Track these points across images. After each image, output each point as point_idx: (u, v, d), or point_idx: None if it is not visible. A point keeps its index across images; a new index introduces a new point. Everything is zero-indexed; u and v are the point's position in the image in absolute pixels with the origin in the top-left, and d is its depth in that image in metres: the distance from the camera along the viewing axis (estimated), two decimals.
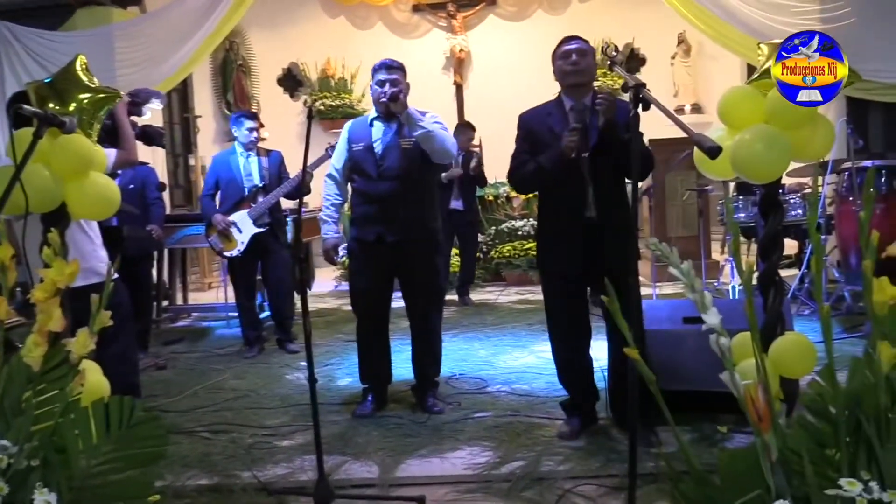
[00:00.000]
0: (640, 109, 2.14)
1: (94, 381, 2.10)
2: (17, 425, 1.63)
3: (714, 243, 7.72)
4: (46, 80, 3.00)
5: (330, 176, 3.91)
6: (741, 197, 6.09)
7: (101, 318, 1.67)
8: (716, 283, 6.62)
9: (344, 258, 3.93)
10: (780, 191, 3.41)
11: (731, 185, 6.10)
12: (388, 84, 3.68)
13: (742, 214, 5.98)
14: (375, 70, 3.75)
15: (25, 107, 2.33)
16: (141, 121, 4.29)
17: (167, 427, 1.77)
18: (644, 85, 2.14)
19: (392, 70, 3.72)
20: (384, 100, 3.65)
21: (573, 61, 3.16)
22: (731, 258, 5.88)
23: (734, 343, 1.57)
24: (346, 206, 4.25)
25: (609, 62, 2.76)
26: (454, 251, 7.10)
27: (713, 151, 2.04)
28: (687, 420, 3.27)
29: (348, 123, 3.95)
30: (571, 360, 3.37)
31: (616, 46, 9.55)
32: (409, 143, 3.69)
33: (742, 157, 2.71)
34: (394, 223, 3.69)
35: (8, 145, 2.69)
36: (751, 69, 7.14)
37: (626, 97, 2.45)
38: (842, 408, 1.44)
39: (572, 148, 3.03)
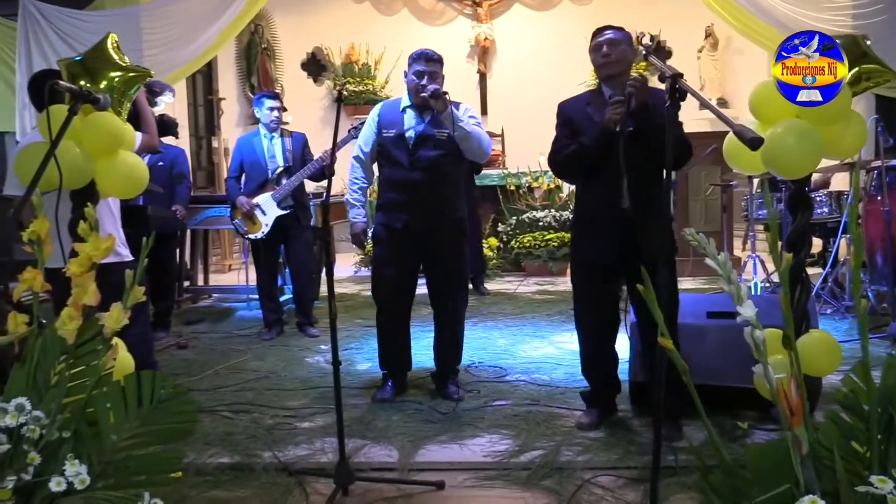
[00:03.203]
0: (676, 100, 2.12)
1: (121, 357, 2.12)
2: (50, 397, 1.66)
3: (736, 240, 7.66)
4: (77, 58, 3.02)
5: (357, 158, 3.86)
6: None
7: (135, 295, 1.69)
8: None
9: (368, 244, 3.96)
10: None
11: (756, 180, 6.05)
12: (426, 77, 3.62)
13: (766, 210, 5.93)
14: (413, 59, 3.69)
15: (61, 82, 2.35)
16: (154, 112, 4.35)
17: (196, 404, 1.78)
18: (681, 75, 2.12)
19: (431, 62, 3.65)
20: (425, 94, 3.57)
21: (604, 53, 3.16)
22: (753, 255, 5.83)
23: None
24: (371, 190, 4.24)
25: (644, 53, 2.74)
26: None
27: (755, 142, 2.01)
28: (706, 415, 3.25)
29: (378, 106, 3.90)
30: (595, 350, 3.36)
31: (652, 35, 9.44)
32: (442, 134, 3.66)
33: (773, 152, 2.68)
34: (423, 213, 3.67)
35: (39, 121, 2.72)
36: None
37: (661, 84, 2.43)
38: (875, 405, 1.43)
39: (616, 120, 3.00)
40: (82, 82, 2.86)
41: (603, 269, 3.22)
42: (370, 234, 4.19)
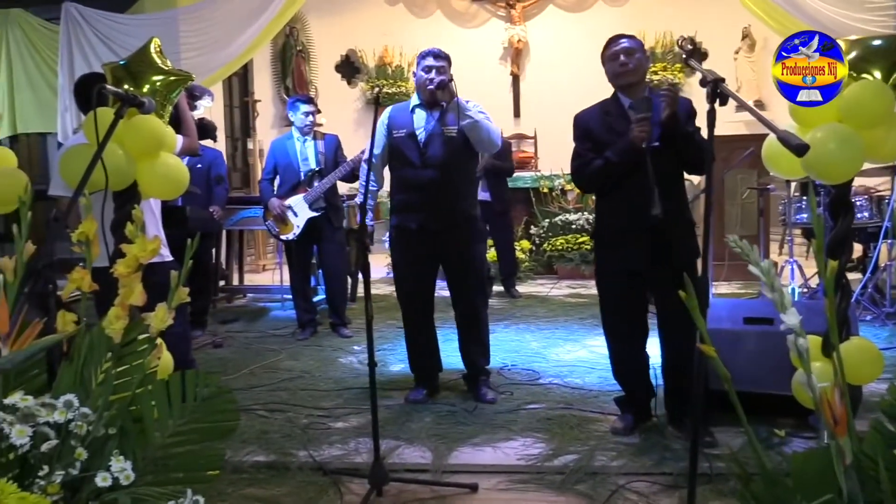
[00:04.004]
0: (716, 105, 2.10)
1: (163, 355, 2.16)
2: (97, 394, 1.69)
3: (773, 244, 7.56)
4: (122, 62, 3.08)
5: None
6: (804, 197, 5.94)
7: (180, 295, 1.73)
8: None
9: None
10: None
11: (794, 184, 5.96)
12: (434, 71, 3.69)
13: (805, 215, 5.84)
14: (422, 57, 3.77)
15: (108, 86, 2.40)
16: (194, 115, 4.42)
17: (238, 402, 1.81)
18: (723, 80, 2.11)
19: (438, 58, 3.73)
20: (431, 87, 3.65)
21: (621, 62, 3.17)
22: (791, 260, 5.75)
23: None
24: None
25: (684, 56, 2.72)
26: (489, 243, 7.01)
27: (801, 149, 1.99)
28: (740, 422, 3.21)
29: (388, 109, 3.94)
30: (627, 358, 3.35)
31: (692, 39, 9.36)
32: (452, 131, 3.69)
33: (814, 156, 2.64)
34: (436, 212, 3.70)
35: (85, 124, 2.78)
36: None
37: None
38: None
39: (643, 138, 3.02)
40: (126, 86, 2.92)
41: (633, 276, 3.21)
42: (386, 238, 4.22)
